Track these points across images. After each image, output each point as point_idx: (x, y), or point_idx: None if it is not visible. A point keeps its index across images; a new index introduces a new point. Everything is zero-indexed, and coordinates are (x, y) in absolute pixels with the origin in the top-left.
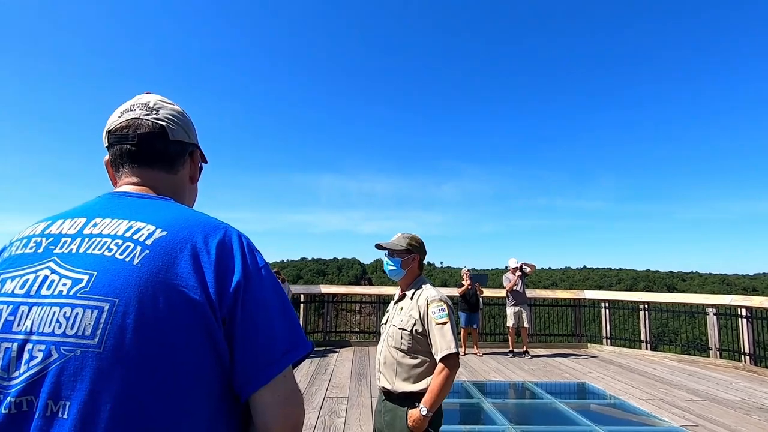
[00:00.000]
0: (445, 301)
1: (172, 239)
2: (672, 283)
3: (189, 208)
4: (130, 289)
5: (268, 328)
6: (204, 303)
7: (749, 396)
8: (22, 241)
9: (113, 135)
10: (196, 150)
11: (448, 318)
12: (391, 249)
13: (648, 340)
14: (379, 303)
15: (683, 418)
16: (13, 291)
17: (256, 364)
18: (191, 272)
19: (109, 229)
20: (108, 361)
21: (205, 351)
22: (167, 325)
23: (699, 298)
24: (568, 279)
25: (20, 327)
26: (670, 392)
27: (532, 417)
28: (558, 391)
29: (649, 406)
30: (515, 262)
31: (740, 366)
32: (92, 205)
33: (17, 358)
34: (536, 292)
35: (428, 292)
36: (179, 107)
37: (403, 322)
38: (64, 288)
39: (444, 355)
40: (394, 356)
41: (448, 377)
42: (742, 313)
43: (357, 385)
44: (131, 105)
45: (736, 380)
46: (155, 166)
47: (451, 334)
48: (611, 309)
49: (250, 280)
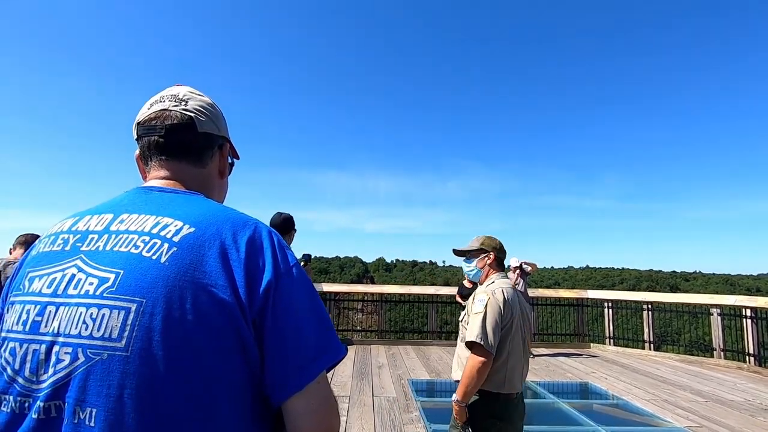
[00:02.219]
0: (490, 293)
1: (201, 236)
2: (675, 283)
3: (218, 203)
4: (157, 289)
5: (300, 331)
6: (233, 304)
7: (754, 397)
8: (50, 238)
9: (142, 127)
10: (225, 143)
11: (484, 309)
12: (468, 251)
13: (651, 340)
14: (381, 302)
15: (687, 419)
16: (40, 290)
17: (288, 371)
18: (220, 271)
19: (136, 225)
20: (135, 366)
21: (235, 355)
22: (196, 327)
23: (703, 299)
24: (571, 278)
25: (48, 328)
26: (673, 393)
27: (534, 417)
28: (560, 391)
29: (653, 406)
30: (516, 261)
31: (744, 367)
32: (120, 201)
33: (45, 361)
34: (539, 291)
35: (489, 284)
36: (210, 99)
37: (463, 314)
38: (91, 287)
39: (467, 341)
40: (457, 348)
41: (474, 366)
42: (746, 313)
43: (359, 384)
44: (161, 96)
45: (740, 381)
46: (183, 159)
47: (480, 324)
48: (614, 309)
49: (281, 279)
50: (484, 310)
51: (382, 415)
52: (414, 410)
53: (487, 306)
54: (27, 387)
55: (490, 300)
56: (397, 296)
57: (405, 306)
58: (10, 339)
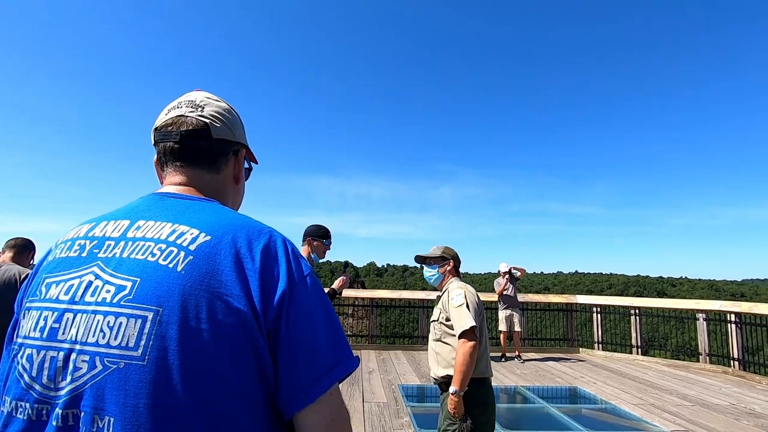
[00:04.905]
0: (463, 287)
1: (216, 244)
2: (662, 288)
3: (232, 211)
4: (173, 298)
5: (314, 342)
6: (249, 314)
7: (738, 401)
8: (66, 244)
9: (159, 132)
10: (241, 149)
11: (465, 300)
12: (430, 258)
13: (639, 344)
14: (372, 306)
15: (673, 422)
16: (57, 297)
17: (302, 382)
18: (235, 280)
19: (153, 232)
20: (151, 375)
21: (250, 365)
22: (211, 337)
23: (689, 304)
24: (560, 284)
25: (65, 335)
26: (660, 397)
27: (523, 422)
28: (550, 396)
29: (640, 410)
30: (505, 267)
31: (729, 371)
32: (136, 207)
33: (63, 368)
34: (528, 296)
35: (452, 285)
36: (227, 104)
37: (435, 315)
38: (108, 295)
39: (461, 331)
40: (433, 347)
41: (467, 352)
42: (731, 318)
43: (349, 389)
44: (178, 102)
45: (725, 385)
46: (198, 165)
47: (466, 311)
48: (603, 314)
49: (295, 290)
50: (465, 301)
51: (372, 420)
52: (404, 415)
53: (466, 297)
54: (45, 394)
55: (466, 292)
56: (388, 301)
57: (396, 311)
58: (27, 345)
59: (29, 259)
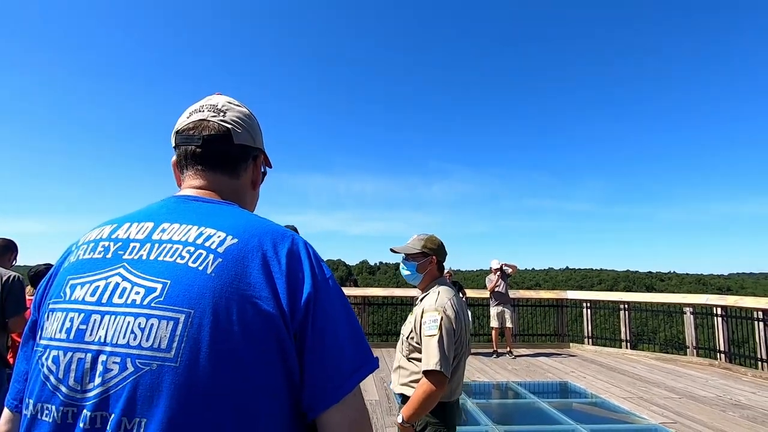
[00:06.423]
0: (442, 310)
1: (244, 247)
2: (651, 283)
3: (254, 214)
4: (204, 300)
5: (338, 344)
6: (277, 316)
7: (724, 393)
8: (89, 245)
9: (180, 136)
10: (260, 154)
11: (438, 331)
12: (406, 253)
13: (628, 339)
14: (365, 305)
15: (662, 415)
16: (83, 298)
17: (326, 383)
18: (264, 283)
19: (179, 235)
20: (184, 376)
21: (278, 367)
22: (242, 339)
23: (676, 298)
24: (551, 279)
25: (93, 337)
26: (649, 390)
27: (515, 416)
28: (541, 391)
29: (629, 404)
30: (497, 263)
31: (716, 364)
32: (158, 209)
33: (91, 370)
34: (520, 292)
35: (430, 299)
36: (248, 109)
37: (406, 327)
38: (138, 297)
39: (425, 369)
40: (398, 359)
41: (427, 393)
42: (717, 312)
43: None
44: (200, 106)
45: (712, 378)
46: (218, 170)
47: (436, 348)
48: (593, 309)
49: (320, 292)
50: (438, 333)
51: None
52: (396, 413)
53: (441, 327)
54: (71, 396)
55: (443, 319)
56: (381, 299)
57: (388, 308)
58: (53, 347)
59: (11, 261)
